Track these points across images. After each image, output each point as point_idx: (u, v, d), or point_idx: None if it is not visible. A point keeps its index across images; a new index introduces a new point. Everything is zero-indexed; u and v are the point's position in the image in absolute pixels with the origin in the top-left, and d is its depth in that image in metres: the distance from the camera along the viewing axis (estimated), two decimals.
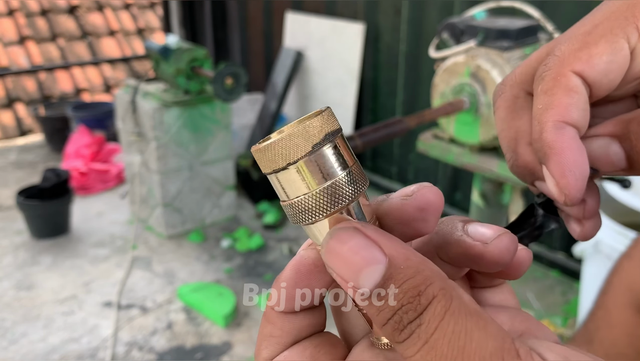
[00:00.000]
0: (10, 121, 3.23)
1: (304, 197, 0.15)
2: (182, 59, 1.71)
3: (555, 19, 1.25)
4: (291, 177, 0.15)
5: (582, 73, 0.18)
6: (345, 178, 0.15)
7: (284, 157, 0.15)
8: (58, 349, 1.39)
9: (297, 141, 0.14)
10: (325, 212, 0.15)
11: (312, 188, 0.15)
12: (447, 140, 1.16)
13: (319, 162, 0.15)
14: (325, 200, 0.15)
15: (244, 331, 1.45)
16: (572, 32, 0.19)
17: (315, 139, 0.14)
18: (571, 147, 0.18)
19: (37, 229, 1.89)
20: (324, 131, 0.15)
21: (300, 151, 0.14)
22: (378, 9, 2.07)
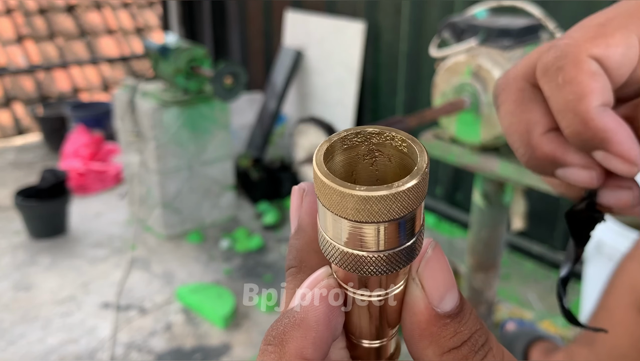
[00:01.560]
0: (8, 120, 3.22)
1: (365, 254, 0.14)
2: (181, 58, 1.70)
3: (556, 18, 1.24)
4: (366, 232, 0.14)
5: (600, 59, 0.18)
6: (405, 251, 0.15)
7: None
8: (56, 350, 1.38)
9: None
10: (373, 272, 0.14)
11: (368, 250, 0.14)
12: (448, 140, 1.15)
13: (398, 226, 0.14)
14: (377, 264, 0.14)
15: (243, 332, 1.45)
16: (584, 24, 0.19)
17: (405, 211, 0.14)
18: (622, 125, 0.18)
19: (35, 229, 1.88)
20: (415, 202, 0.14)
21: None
22: (378, 8, 2.06)
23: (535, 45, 1.12)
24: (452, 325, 0.14)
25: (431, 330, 0.14)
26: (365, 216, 0.13)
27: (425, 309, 0.14)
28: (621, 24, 0.18)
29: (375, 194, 0.13)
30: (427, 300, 0.14)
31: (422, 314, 0.14)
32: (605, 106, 0.18)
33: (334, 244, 0.15)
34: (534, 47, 1.12)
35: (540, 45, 1.12)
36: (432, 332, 0.14)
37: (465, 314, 0.15)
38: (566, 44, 0.18)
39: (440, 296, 0.14)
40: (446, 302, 0.14)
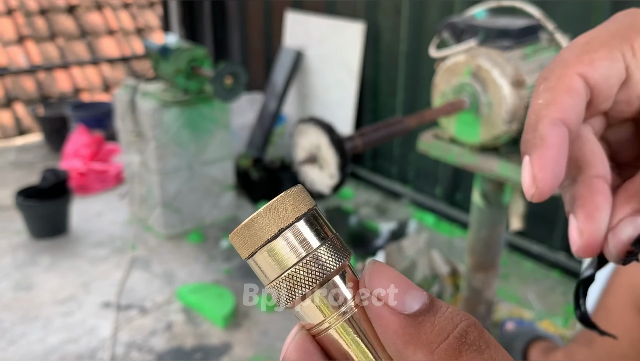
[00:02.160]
0: (9, 120, 3.23)
1: (292, 270, 0.15)
2: (182, 58, 1.71)
3: (556, 19, 1.24)
4: (276, 250, 0.15)
5: (585, 75, 0.19)
6: (324, 248, 0.15)
7: (260, 238, 0.15)
8: (57, 350, 1.38)
9: (267, 223, 0.15)
10: (311, 283, 0.15)
11: (290, 264, 0.15)
12: (447, 140, 1.15)
13: (296, 238, 0.15)
14: (309, 270, 0.15)
15: (243, 331, 1.45)
16: (573, 43, 0.20)
17: (285, 223, 0.15)
18: (560, 146, 0.18)
19: (35, 229, 1.89)
20: (296, 213, 0.15)
21: (270, 231, 0.15)
22: (378, 9, 2.07)
23: (534, 45, 1.13)
24: (427, 319, 0.14)
25: (410, 332, 0.14)
26: (264, 233, 0.15)
27: (392, 316, 0.14)
28: (605, 41, 0.19)
29: (252, 215, 0.15)
30: (389, 308, 0.14)
31: (392, 322, 0.14)
32: (563, 123, 0.19)
33: (275, 283, 0.15)
34: (533, 47, 1.12)
35: (540, 45, 1.12)
36: (411, 334, 0.14)
37: (438, 307, 0.14)
38: (556, 60, 0.19)
39: (400, 299, 0.14)
40: (410, 303, 0.14)
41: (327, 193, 0.88)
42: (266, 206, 0.15)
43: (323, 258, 0.15)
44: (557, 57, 0.20)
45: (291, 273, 0.15)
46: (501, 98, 1.05)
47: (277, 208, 0.15)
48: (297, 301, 0.15)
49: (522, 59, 1.09)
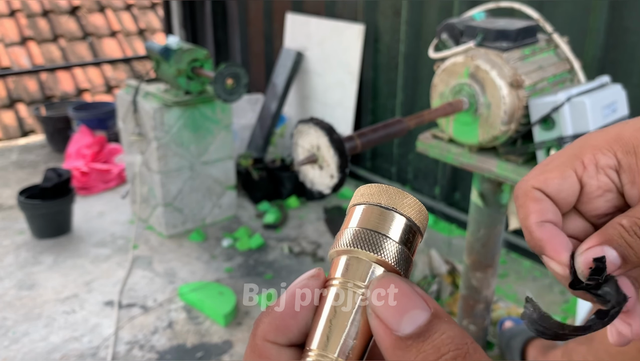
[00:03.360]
0: (12, 121, 3.25)
1: (375, 233, 0.17)
2: (183, 59, 1.72)
3: (553, 20, 1.26)
4: (393, 221, 0.17)
5: (541, 188, 0.23)
6: (397, 246, 0.17)
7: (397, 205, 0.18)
8: (59, 348, 1.40)
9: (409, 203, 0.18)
10: (367, 248, 0.17)
11: (378, 229, 0.17)
12: (446, 140, 1.16)
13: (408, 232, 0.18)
14: (376, 243, 0.17)
15: (244, 330, 1.46)
16: (538, 165, 0.25)
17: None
18: (554, 235, 0.23)
19: (38, 229, 1.90)
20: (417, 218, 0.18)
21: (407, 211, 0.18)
22: (378, 10, 2.08)
23: (532, 46, 1.14)
24: (415, 345, 0.15)
25: (396, 353, 0.15)
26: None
27: (385, 334, 0.15)
28: (559, 163, 0.24)
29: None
30: (384, 327, 0.15)
31: (383, 340, 0.15)
32: (545, 222, 0.23)
33: (357, 229, 0.17)
34: (531, 48, 1.13)
35: (538, 46, 1.12)
36: (397, 355, 0.15)
37: (433, 334, 0.15)
38: (521, 180, 0.24)
39: (396, 321, 0.15)
40: (405, 326, 0.15)
41: (327, 192, 0.89)
42: (414, 198, 0.18)
43: (388, 248, 0.17)
44: (523, 178, 0.25)
45: (371, 233, 0.17)
46: (499, 99, 1.06)
47: (412, 205, 0.18)
48: (347, 251, 0.17)
49: (520, 60, 1.10)
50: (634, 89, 1.35)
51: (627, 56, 1.43)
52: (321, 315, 0.17)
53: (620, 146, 0.23)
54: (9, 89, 3.34)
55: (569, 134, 1.06)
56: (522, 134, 1.10)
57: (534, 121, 1.07)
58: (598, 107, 1.08)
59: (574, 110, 1.05)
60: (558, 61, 1.17)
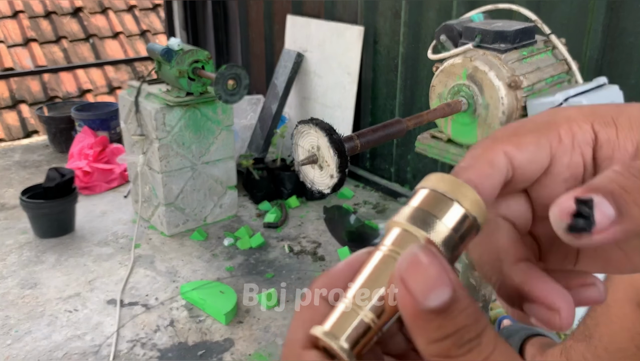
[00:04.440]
0: (15, 121, 3.26)
1: (430, 216, 0.18)
2: (184, 60, 1.74)
3: (551, 21, 1.27)
4: (450, 209, 0.18)
5: (510, 154, 0.19)
6: (448, 232, 0.18)
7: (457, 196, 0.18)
8: (62, 346, 1.41)
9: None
10: (419, 225, 0.18)
11: (434, 214, 0.18)
12: (445, 140, 1.17)
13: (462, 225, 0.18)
14: (430, 223, 0.18)
15: (245, 328, 1.47)
16: (507, 125, 0.21)
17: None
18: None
19: (41, 228, 1.91)
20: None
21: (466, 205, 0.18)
22: (377, 12, 2.10)
23: (530, 47, 1.15)
24: (436, 320, 0.15)
25: (417, 323, 0.16)
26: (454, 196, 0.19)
27: (409, 305, 0.16)
28: (535, 128, 0.20)
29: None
30: (409, 296, 0.16)
31: (406, 309, 0.16)
32: (475, 187, 0.19)
33: (416, 208, 0.18)
34: (529, 49, 1.15)
35: (536, 48, 1.13)
36: (418, 325, 0.16)
37: (454, 311, 0.15)
38: (488, 136, 0.20)
39: (423, 295, 0.15)
40: (430, 300, 0.15)
41: (327, 192, 0.90)
42: (477, 196, 0.18)
43: (438, 229, 0.18)
44: (490, 134, 0.21)
45: (427, 214, 0.18)
46: (498, 99, 1.07)
47: (474, 201, 0.18)
48: (401, 224, 0.18)
49: (518, 61, 1.12)
50: (631, 90, 1.36)
51: (624, 57, 1.44)
52: (362, 272, 0.18)
53: (597, 117, 0.19)
54: (12, 89, 3.36)
55: None
56: None
57: None
58: None
59: None
60: (556, 62, 1.18)
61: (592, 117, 0.20)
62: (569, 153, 0.20)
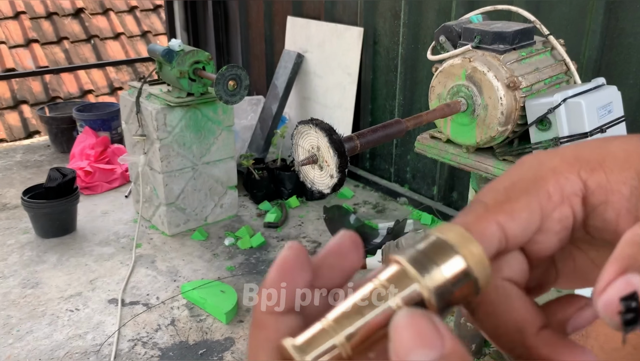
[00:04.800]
0: (16, 122, 3.28)
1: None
2: (185, 61, 1.74)
3: (550, 22, 1.28)
4: (452, 260, 0.18)
5: (503, 225, 0.19)
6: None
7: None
8: (63, 345, 1.42)
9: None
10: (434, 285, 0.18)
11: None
12: (444, 141, 1.18)
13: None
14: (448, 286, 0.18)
15: (246, 327, 1.48)
16: (493, 186, 0.20)
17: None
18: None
19: (42, 228, 1.92)
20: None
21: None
22: (377, 13, 2.10)
23: (529, 48, 1.16)
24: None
25: None
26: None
27: (394, 358, 0.16)
28: (525, 188, 0.19)
29: None
30: (395, 351, 0.16)
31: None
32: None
33: (416, 253, 0.19)
34: (528, 50, 1.15)
35: (534, 48, 1.13)
36: None
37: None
38: (477, 201, 0.20)
39: (404, 353, 0.15)
40: (412, 356, 0.15)
41: (327, 192, 0.91)
42: (483, 254, 0.18)
43: (434, 277, 0.17)
44: (477, 197, 0.20)
45: (427, 260, 0.18)
46: (496, 100, 1.08)
47: (479, 258, 0.18)
48: (400, 263, 0.18)
49: (517, 62, 1.12)
50: (629, 91, 1.36)
51: (622, 58, 1.44)
52: (349, 298, 0.18)
53: (582, 164, 0.19)
54: (14, 90, 3.37)
55: (565, 135, 1.08)
56: (518, 135, 1.12)
57: (530, 122, 1.09)
58: (594, 108, 1.10)
59: (570, 111, 1.07)
60: (554, 63, 1.19)
61: (577, 165, 0.19)
62: (559, 208, 0.19)
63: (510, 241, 0.19)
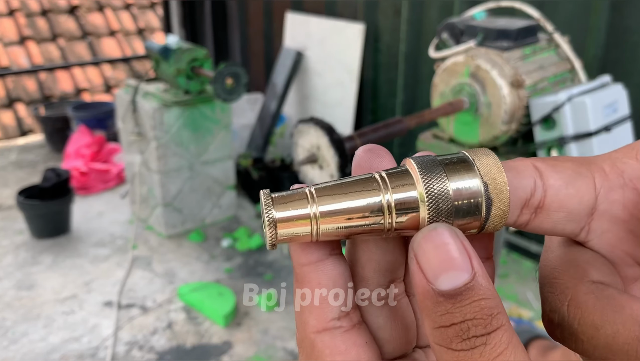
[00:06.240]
0: (11, 121, 3.24)
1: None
2: (183, 59, 1.72)
3: (554, 19, 1.25)
4: (467, 178, 0.16)
5: (541, 169, 0.17)
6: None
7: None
8: (58, 348, 1.39)
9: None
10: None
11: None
12: (446, 140, 1.16)
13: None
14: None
15: (244, 330, 1.46)
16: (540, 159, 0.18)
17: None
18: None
19: (37, 229, 1.90)
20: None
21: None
22: (378, 9, 2.08)
23: (533, 46, 1.13)
24: (444, 304, 0.14)
25: (425, 303, 0.15)
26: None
27: (419, 282, 0.15)
28: (572, 159, 0.17)
29: None
30: (422, 275, 0.15)
31: (417, 286, 0.15)
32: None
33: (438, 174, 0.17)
34: (532, 48, 1.13)
35: (539, 46, 1.11)
36: (426, 305, 0.15)
37: (465, 299, 0.14)
38: (520, 158, 0.18)
39: (433, 274, 0.14)
40: (441, 282, 0.14)
41: None
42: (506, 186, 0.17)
43: (438, 188, 0.16)
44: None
45: (442, 168, 0.16)
46: (500, 98, 1.05)
47: (501, 193, 0.17)
48: (410, 163, 0.17)
49: (521, 60, 1.10)
50: (635, 89, 1.34)
51: (628, 55, 1.42)
52: (343, 180, 0.17)
53: (638, 150, 0.17)
54: (8, 88, 3.33)
55: (569, 134, 1.06)
56: (522, 134, 1.10)
57: (534, 121, 1.07)
58: (599, 107, 1.08)
59: (574, 110, 1.05)
60: (559, 61, 1.17)
61: (633, 151, 0.17)
62: (621, 190, 0.17)
63: (548, 192, 0.17)
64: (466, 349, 0.14)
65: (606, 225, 0.17)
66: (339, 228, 0.16)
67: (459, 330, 0.14)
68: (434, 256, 0.15)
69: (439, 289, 0.14)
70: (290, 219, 0.16)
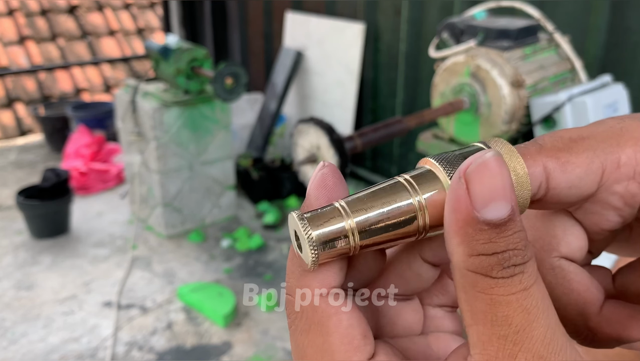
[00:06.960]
0: (10, 120, 3.23)
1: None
2: (182, 59, 1.71)
3: (554, 19, 1.25)
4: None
5: (550, 171, 0.17)
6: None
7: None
8: (58, 349, 1.39)
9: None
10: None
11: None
12: (447, 140, 1.16)
13: None
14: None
15: (243, 331, 1.45)
16: (560, 133, 0.18)
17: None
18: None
19: (37, 229, 1.89)
20: None
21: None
22: (378, 9, 2.07)
23: (533, 46, 1.13)
24: (488, 232, 0.14)
25: (467, 230, 0.15)
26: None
27: (466, 209, 0.14)
28: (591, 146, 0.17)
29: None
30: (469, 201, 0.14)
31: (461, 213, 0.15)
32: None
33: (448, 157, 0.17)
34: (532, 47, 1.13)
35: (539, 45, 1.11)
36: (467, 232, 0.15)
37: (508, 229, 0.14)
38: (535, 139, 0.18)
39: (483, 202, 0.14)
40: (489, 210, 0.14)
41: None
42: (527, 176, 0.17)
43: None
44: (536, 138, 0.18)
45: (461, 159, 0.17)
46: (500, 98, 1.05)
47: (522, 183, 0.17)
48: (429, 162, 0.17)
49: (521, 60, 1.10)
50: (635, 89, 1.34)
51: (628, 55, 1.42)
52: (368, 189, 0.17)
53: None
54: (8, 88, 3.32)
55: None
56: (523, 134, 1.10)
57: (535, 121, 1.07)
58: (599, 107, 1.08)
59: (575, 110, 1.05)
60: (559, 60, 1.16)
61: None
62: (625, 182, 0.17)
63: (550, 192, 0.17)
64: (506, 277, 0.14)
65: (597, 208, 0.18)
66: (375, 236, 0.16)
67: (501, 258, 0.14)
68: (488, 183, 0.14)
69: (485, 217, 0.14)
70: (329, 235, 0.16)
